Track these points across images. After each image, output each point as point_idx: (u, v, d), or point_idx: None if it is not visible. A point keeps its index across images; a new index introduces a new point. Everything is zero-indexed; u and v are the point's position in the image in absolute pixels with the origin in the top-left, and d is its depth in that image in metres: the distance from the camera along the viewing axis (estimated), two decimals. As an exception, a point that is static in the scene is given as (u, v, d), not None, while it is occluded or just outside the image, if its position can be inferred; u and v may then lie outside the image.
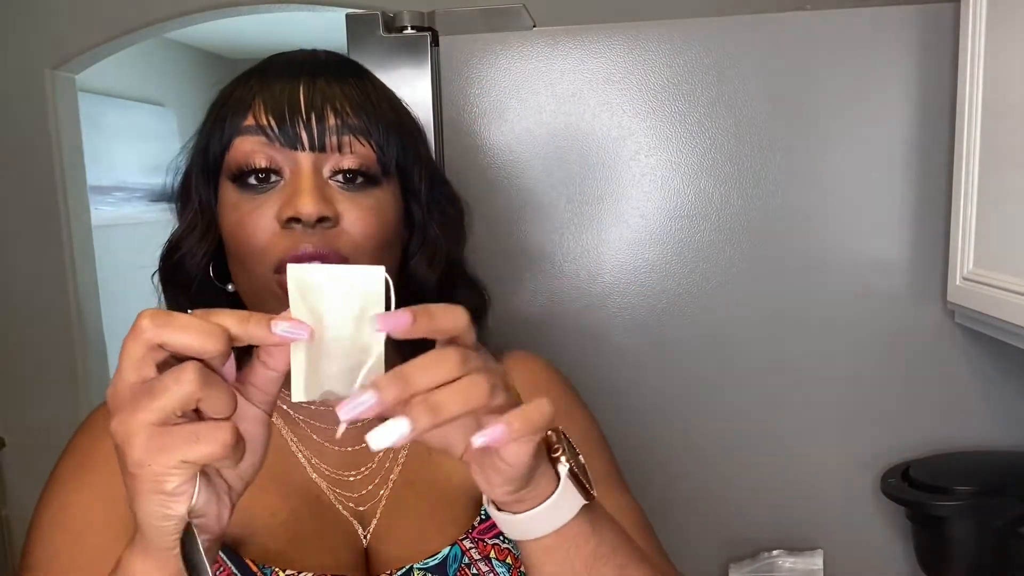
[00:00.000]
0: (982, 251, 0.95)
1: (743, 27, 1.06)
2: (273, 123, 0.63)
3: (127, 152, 3.86)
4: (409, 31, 1.06)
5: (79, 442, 0.70)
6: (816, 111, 1.06)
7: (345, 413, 0.45)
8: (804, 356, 1.10)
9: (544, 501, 0.53)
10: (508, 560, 0.68)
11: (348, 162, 0.64)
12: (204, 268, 0.69)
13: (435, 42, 1.08)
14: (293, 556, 0.66)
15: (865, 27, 1.04)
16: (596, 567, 0.57)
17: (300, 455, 0.71)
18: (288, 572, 0.64)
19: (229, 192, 0.65)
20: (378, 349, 0.48)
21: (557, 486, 0.53)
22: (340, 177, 0.64)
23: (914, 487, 1.02)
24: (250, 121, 0.64)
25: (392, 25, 1.07)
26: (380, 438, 0.45)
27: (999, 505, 0.98)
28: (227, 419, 0.45)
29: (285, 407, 0.73)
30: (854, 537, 1.13)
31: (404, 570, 0.66)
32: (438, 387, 0.46)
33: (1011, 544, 0.99)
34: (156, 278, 0.71)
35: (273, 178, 0.64)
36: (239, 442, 0.45)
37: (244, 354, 0.49)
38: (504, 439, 0.47)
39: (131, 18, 2.37)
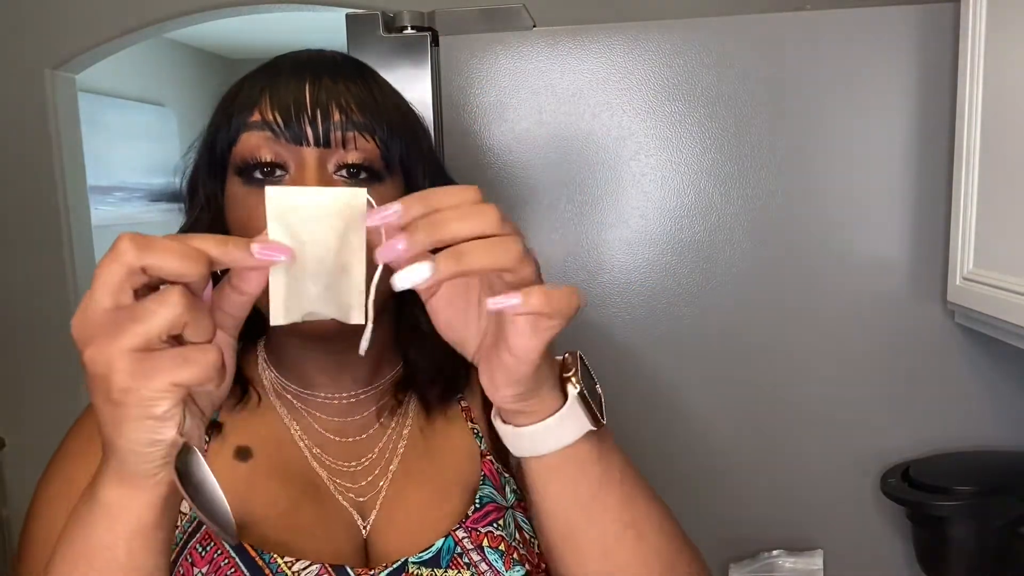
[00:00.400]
0: (982, 251, 0.95)
1: (743, 27, 1.06)
2: (279, 119, 0.64)
3: (127, 152, 3.87)
4: (409, 31, 1.06)
5: (88, 420, 0.70)
6: (816, 111, 1.06)
7: (381, 254, 0.46)
8: (804, 356, 1.10)
9: (548, 417, 0.55)
10: (501, 547, 0.68)
11: (352, 157, 0.65)
12: None
13: (435, 42, 1.08)
14: (293, 546, 0.67)
15: (865, 27, 1.04)
16: (601, 493, 0.58)
17: (302, 444, 0.72)
18: (287, 559, 0.65)
19: (235, 186, 0.66)
20: (359, 268, 0.48)
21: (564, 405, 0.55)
22: (344, 172, 0.65)
23: (914, 487, 1.02)
24: (256, 117, 0.65)
25: (392, 25, 1.07)
26: (403, 278, 0.46)
27: (999, 505, 0.98)
28: (209, 342, 0.45)
29: (289, 396, 0.74)
30: (854, 537, 1.13)
31: (399, 563, 0.67)
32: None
33: (1011, 544, 0.99)
34: None
35: (278, 172, 0.65)
36: (223, 364, 0.46)
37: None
38: (517, 308, 0.47)
39: (131, 18, 2.37)
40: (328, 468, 0.72)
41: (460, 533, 0.69)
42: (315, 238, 0.47)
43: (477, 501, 0.71)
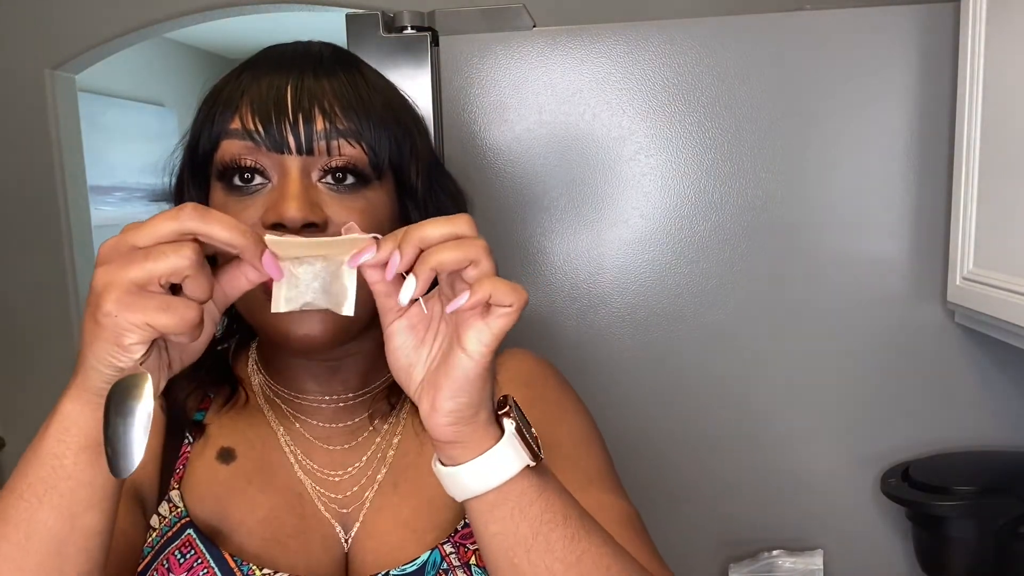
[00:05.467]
0: (982, 251, 0.95)
1: (743, 27, 1.06)
2: (259, 126, 0.62)
3: (127, 152, 3.87)
4: (409, 31, 1.06)
5: None
6: (816, 111, 1.06)
7: (387, 272, 0.52)
8: (804, 356, 1.10)
9: (486, 452, 0.54)
10: None
11: (337, 163, 0.63)
12: None
13: (435, 42, 1.08)
14: (269, 556, 0.66)
15: (865, 27, 1.04)
16: (543, 532, 0.56)
17: (288, 450, 0.71)
18: (264, 571, 0.64)
19: (218, 193, 0.65)
20: (351, 272, 0.54)
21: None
22: (329, 178, 0.63)
23: (914, 487, 1.02)
24: (236, 124, 0.63)
25: (392, 25, 1.07)
26: (404, 295, 0.52)
27: (999, 505, 0.98)
28: (201, 303, 0.50)
29: (278, 400, 0.73)
30: (854, 537, 1.13)
31: None
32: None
33: (1011, 544, 0.99)
34: None
35: (259, 179, 0.63)
36: (200, 324, 0.50)
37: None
38: (468, 302, 0.51)
39: (131, 18, 2.37)
40: (313, 476, 0.70)
41: (448, 548, 0.67)
42: (312, 248, 0.54)
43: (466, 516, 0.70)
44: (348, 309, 0.55)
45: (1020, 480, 1.00)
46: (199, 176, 0.67)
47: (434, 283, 0.53)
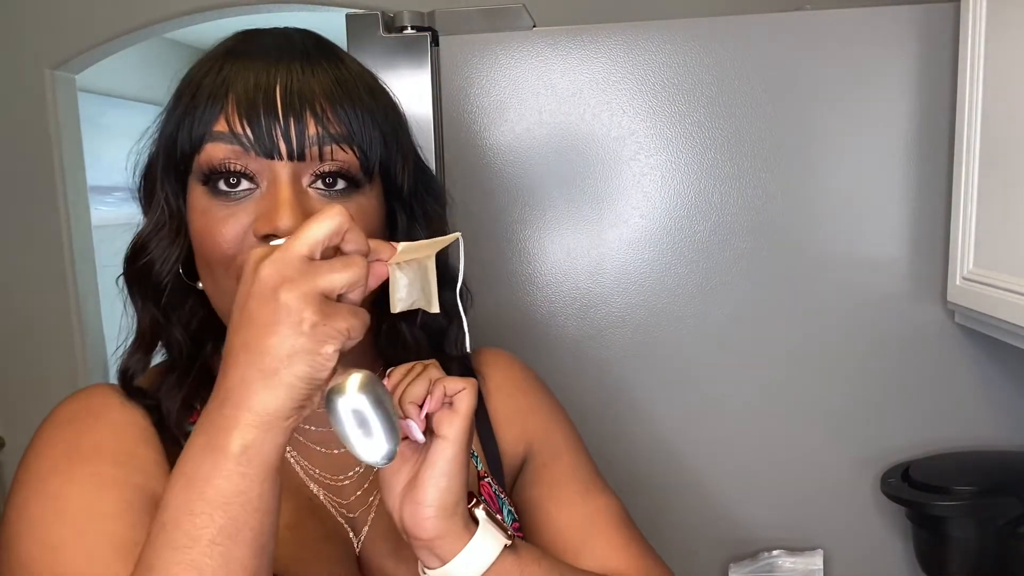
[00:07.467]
0: (982, 251, 0.95)
1: (743, 27, 1.06)
2: (248, 130, 0.59)
3: (127, 152, 3.86)
4: (409, 31, 1.06)
5: (59, 435, 0.66)
6: (816, 111, 1.06)
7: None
8: (804, 356, 1.10)
9: (465, 545, 0.58)
10: None
11: (329, 169, 0.61)
12: (175, 273, 0.66)
13: (435, 42, 1.08)
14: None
15: (865, 27, 1.04)
16: None
17: (289, 455, 0.70)
18: None
19: (199, 195, 0.62)
20: (433, 273, 0.59)
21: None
22: (320, 183, 0.61)
23: (914, 487, 1.02)
24: (222, 126, 0.60)
25: (392, 25, 1.06)
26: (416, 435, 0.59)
27: (999, 505, 0.98)
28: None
29: None
30: (854, 537, 1.13)
31: None
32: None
33: (1011, 544, 0.99)
34: (121, 280, 0.69)
35: (246, 184, 0.61)
36: None
37: None
38: (436, 402, 0.59)
39: (131, 18, 2.37)
40: (318, 481, 0.70)
41: None
42: (417, 256, 0.58)
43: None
44: (436, 306, 0.59)
45: (1020, 480, 1.00)
46: (174, 174, 0.64)
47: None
